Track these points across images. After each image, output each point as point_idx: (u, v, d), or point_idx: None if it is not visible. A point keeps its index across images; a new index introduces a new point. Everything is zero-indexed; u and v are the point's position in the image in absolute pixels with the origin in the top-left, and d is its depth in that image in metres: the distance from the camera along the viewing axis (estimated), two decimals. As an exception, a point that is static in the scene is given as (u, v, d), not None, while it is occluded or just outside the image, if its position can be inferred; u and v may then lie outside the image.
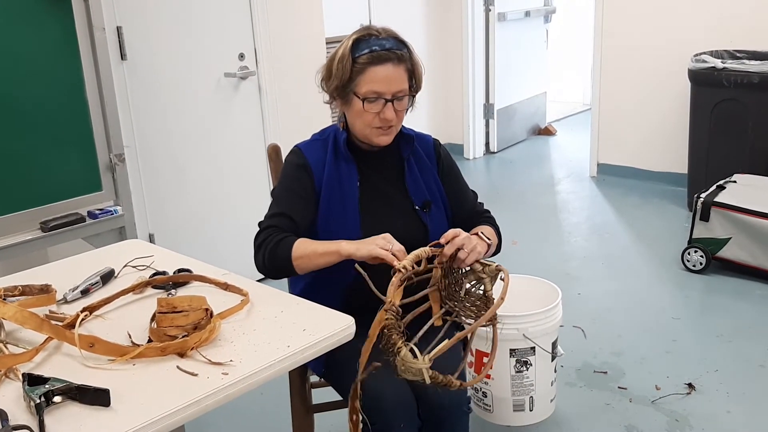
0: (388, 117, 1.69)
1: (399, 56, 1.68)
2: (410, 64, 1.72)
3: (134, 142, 3.06)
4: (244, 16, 3.39)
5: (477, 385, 2.35)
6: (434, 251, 1.61)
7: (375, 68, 1.66)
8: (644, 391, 2.58)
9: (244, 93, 3.46)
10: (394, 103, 1.69)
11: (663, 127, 4.80)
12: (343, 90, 1.72)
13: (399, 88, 1.69)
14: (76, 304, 1.52)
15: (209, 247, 3.36)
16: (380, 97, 1.68)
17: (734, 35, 4.32)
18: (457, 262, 1.64)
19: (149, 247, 1.91)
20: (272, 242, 1.66)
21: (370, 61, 1.66)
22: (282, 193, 1.78)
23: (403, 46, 1.71)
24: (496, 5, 5.72)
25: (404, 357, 1.40)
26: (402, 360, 1.40)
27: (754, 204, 3.33)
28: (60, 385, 1.13)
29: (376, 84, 1.67)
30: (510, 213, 4.60)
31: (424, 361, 1.40)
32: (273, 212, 1.74)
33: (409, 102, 1.76)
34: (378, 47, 1.67)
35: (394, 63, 1.67)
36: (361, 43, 1.69)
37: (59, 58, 2.34)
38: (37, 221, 2.34)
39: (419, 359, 1.40)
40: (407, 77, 1.71)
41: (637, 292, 3.39)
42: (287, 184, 1.78)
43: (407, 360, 1.40)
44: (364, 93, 1.68)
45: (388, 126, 1.72)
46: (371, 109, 1.69)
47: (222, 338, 1.34)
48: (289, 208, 1.73)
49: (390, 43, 1.68)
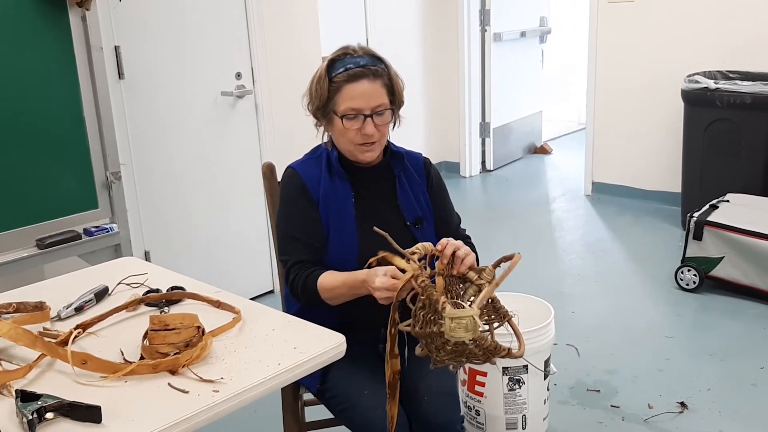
0: (368, 132, 1.71)
1: (374, 71, 1.71)
2: (387, 79, 1.74)
3: (131, 160, 3.08)
4: (241, 36, 3.42)
5: (470, 404, 2.35)
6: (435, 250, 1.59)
7: (351, 86, 1.69)
8: (637, 410, 2.59)
9: (241, 112, 3.49)
10: (374, 118, 1.71)
11: (657, 146, 4.83)
12: (323, 110, 1.75)
13: (377, 102, 1.71)
14: (70, 322, 1.54)
15: (205, 265, 3.38)
16: (359, 114, 1.70)
17: (727, 56, 4.36)
18: (456, 264, 1.61)
19: (143, 264, 1.92)
20: (300, 283, 1.71)
21: (345, 79, 1.70)
22: (293, 220, 1.79)
23: (378, 62, 1.74)
24: (492, 26, 5.77)
25: (450, 312, 1.34)
26: (450, 314, 1.33)
27: (747, 223, 3.35)
28: (52, 401, 1.14)
29: (354, 101, 1.70)
30: (505, 231, 4.62)
31: (472, 309, 1.35)
32: (291, 244, 1.77)
33: (392, 117, 1.77)
34: (352, 65, 1.70)
35: (370, 79, 1.70)
36: (337, 62, 1.72)
37: (57, 77, 2.37)
38: (33, 238, 2.36)
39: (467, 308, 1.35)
40: (386, 92, 1.73)
41: (630, 310, 3.40)
42: (294, 211, 1.79)
43: (455, 313, 1.33)
44: (343, 111, 1.71)
45: (370, 142, 1.74)
46: (351, 126, 1.72)
47: (213, 356, 1.35)
48: (307, 234, 1.76)
49: (365, 60, 1.71)
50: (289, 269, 1.75)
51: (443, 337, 1.37)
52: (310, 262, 1.74)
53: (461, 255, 1.60)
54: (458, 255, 1.60)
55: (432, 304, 1.39)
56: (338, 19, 4.84)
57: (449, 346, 1.38)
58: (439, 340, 1.40)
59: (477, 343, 1.37)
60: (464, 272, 1.62)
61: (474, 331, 1.33)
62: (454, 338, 1.34)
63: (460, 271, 1.61)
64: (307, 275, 1.70)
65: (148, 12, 3.06)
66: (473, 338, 1.34)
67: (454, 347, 1.38)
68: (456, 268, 1.60)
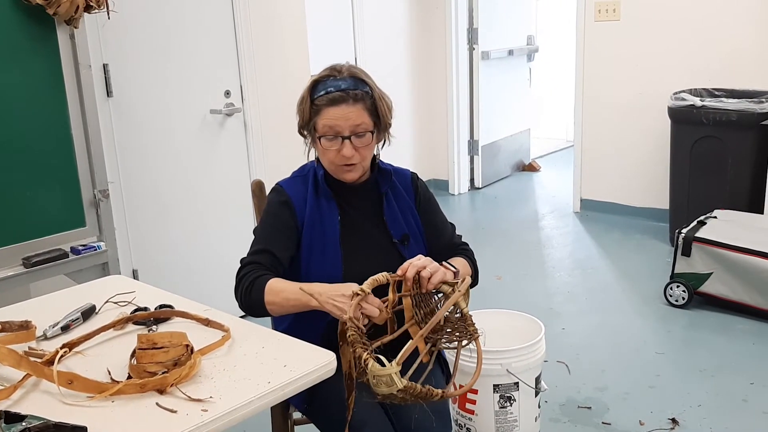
0: (346, 154, 1.71)
1: (354, 96, 1.70)
2: (371, 102, 1.73)
3: (119, 178, 3.07)
4: (230, 54, 3.43)
5: (461, 421, 2.34)
6: (395, 276, 1.60)
7: (330, 109, 1.70)
8: (628, 427, 2.58)
9: (230, 130, 3.48)
10: (353, 140, 1.71)
11: (644, 163, 4.86)
12: (307, 129, 1.77)
13: (356, 123, 1.71)
14: (56, 341, 1.51)
15: (193, 283, 3.35)
16: (337, 135, 1.71)
17: (712, 74, 4.41)
18: (423, 284, 1.62)
19: (131, 282, 1.91)
20: (248, 281, 1.67)
21: (325, 103, 1.70)
22: (264, 229, 1.79)
23: (363, 84, 1.74)
24: (480, 44, 5.82)
25: (372, 368, 1.38)
26: (371, 371, 1.38)
27: (735, 239, 3.37)
28: (37, 422, 1.12)
29: (332, 121, 1.70)
30: (494, 248, 4.62)
31: (392, 366, 1.38)
32: (255, 249, 1.76)
33: (373, 139, 1.76)
34: (333, 88, 1.70)
35: (349, 103, 1.70)
36: (319, 84, 1.73)
37: (45, 95, 2.36)
38: (19, 257, 2.34)
39: (387, 366, 1.38)
40: (367, 114, 1.73)
41: (620, 327, 3.40)
42: (269, 221, 1.80)
43: (375, 370, 1.37)
44: (321, 131, 1.72)
45: (350, 164, 1.74)
46: (330, 146, 1.72)
47: (202, 374, 1.34)
48: (271, 244, 1.74)
49: (347, 84, 1.71)
50: (242, 267, 1.73)
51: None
52: (266, 266, 1.71)
53: (426, 275, 1.61)
54: (423, 275, 1.61)
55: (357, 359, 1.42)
56: (327, 37, 4.86)
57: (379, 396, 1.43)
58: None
59: (406, 392, 1.41)
60: (435, 288, 1.64)
61: (396, 386, 1.38)
62: (378, 392, 1.41)
63: (429, 289, 1.64)
64: (258, 275, 1.67)
65: (136, 30, 3.06)
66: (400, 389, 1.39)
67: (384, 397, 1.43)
68: (423, 287, 1.63)
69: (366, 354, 1.40)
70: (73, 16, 2.33)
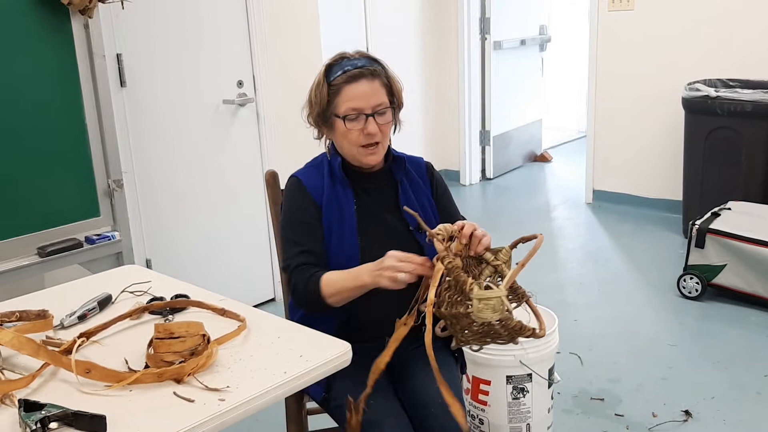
0: (371, 131, 1.72)
1: (372, 71, 1.72)
2: (386, 79, 1.75)
3: (132, 168, 3.08)
4: (242, 44, 3.42)
5: (474, 413, 2.34)
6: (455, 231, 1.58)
7: (350, 87, 1.71)
8: (641, 419, 2.58)
9: (243, 119, 3.48)
10: (376, 117, 1.72)
11: (658, 154, 4.83)
12: (324, 115, 1.76)
13: (378, 101, 1.72)
14: (73, 330, 1.52)
15: (207, 273, 3.36)
16: (360, 113, 1.71)
17: (727, 64, 4.37)
18: (474, 243, 1.60)
19: (147, 272, 1.91)
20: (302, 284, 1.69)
21: (344, 81, 1.71)
22: (294, 228, 1.78)
23: (375, 63, 1.76)
24: (492, 34, 5.79)
25: (479, 292, 1.34)
26: (477, 295, 1.34)
27: (749, 231, 3.34)
28: (56, 411, 1.13)
29: (354, 101, 1.70)
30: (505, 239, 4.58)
31: (500, 289, 1.35)
32: (296, 250, 1.75)
33: (393, 117, 1.78)
34: (350, 67, 1.72)
35: (368, 78, 1.71)
36: (334, 67, 1.74)
37: (59, 85, 2.37)
38: (34, 246, 2.35)
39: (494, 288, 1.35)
40: (385, 91, 1.74)
41: (633, 318, 3.39)
42: (298, 217, 1.79)
43: (483, 294, 1.34)
44: (344, 112, 1.72)
45: (374, 143, 1.74)
46: (354, 126, 1.72)
47: (219, 364, 1.34)
48: (308, 242, 1.75)
49: (362, 62, 1.73)
50: (291, 273, 1.74)
51: (469, 317, 1.38)
52: (312, 264, 1.73)
53: (479, 235, 1.60)
54: (476, 235, 1.60)
55: (459, 285, 1.39)
56: (339, 27, 4.84)
57: (475, 327, 1.39)
58: (464, 320, 1.40)
59: (503, 324, 1.38)
60: (481, 253, 1.61)
61: (501, 312, 1.34)
62: (481, 319, 1.36)
63: (477, 252, 1.60)
64: (310, 275, 1.69)
65: (150, 20, 3.06)
66: (500, 318, 1.35)
67: (480, 327, 1.39)
68: (473, 248, 1.60)
69: (470, 280, 1.38)
70: (87, 5, 2.33)
